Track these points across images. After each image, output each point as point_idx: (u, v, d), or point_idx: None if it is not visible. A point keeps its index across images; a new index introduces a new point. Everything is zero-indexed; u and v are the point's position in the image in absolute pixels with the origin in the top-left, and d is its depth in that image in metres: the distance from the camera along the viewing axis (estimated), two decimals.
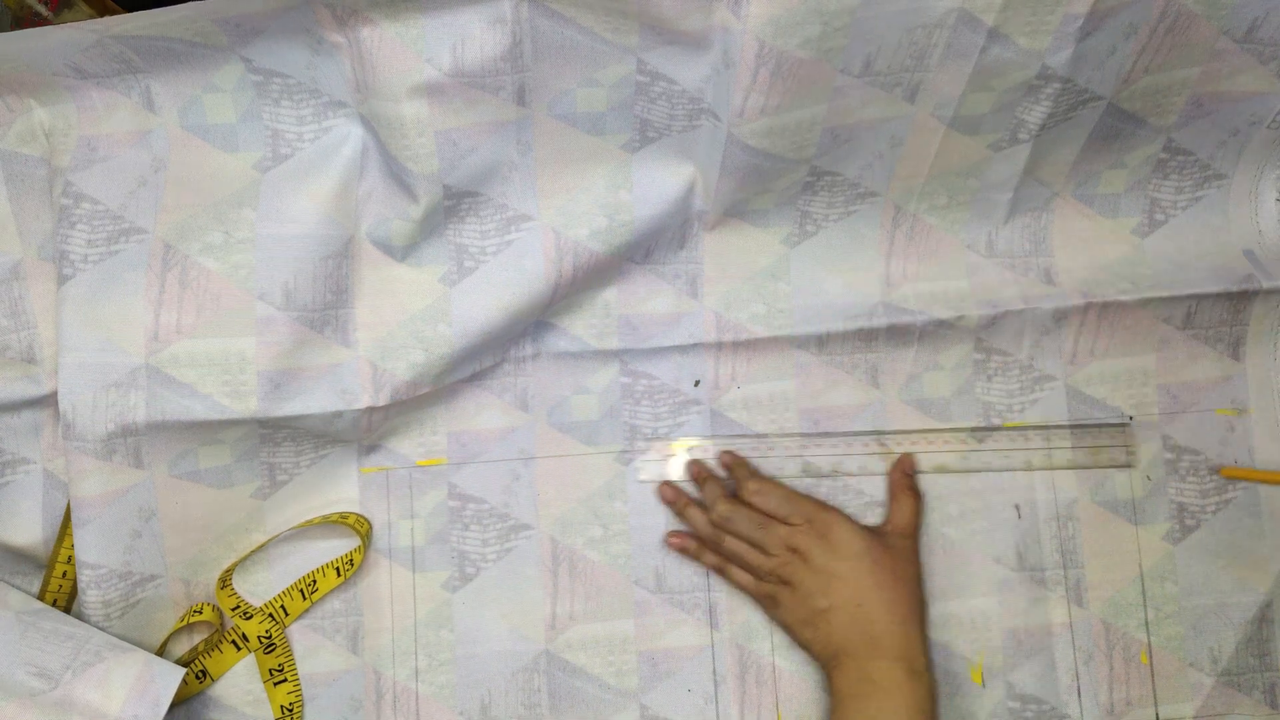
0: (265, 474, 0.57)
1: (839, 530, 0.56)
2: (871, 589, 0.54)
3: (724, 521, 0.57)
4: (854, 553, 0.55)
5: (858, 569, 0.55)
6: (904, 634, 0.54)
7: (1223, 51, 0.54)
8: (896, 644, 0.53)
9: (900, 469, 0.59)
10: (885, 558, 0.55)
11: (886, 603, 0.54)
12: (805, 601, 0.55)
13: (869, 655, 0.53)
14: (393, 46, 0.49)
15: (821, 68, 0.49)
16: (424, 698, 0.57)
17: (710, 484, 0.58)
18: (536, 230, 0.56)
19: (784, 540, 0.56)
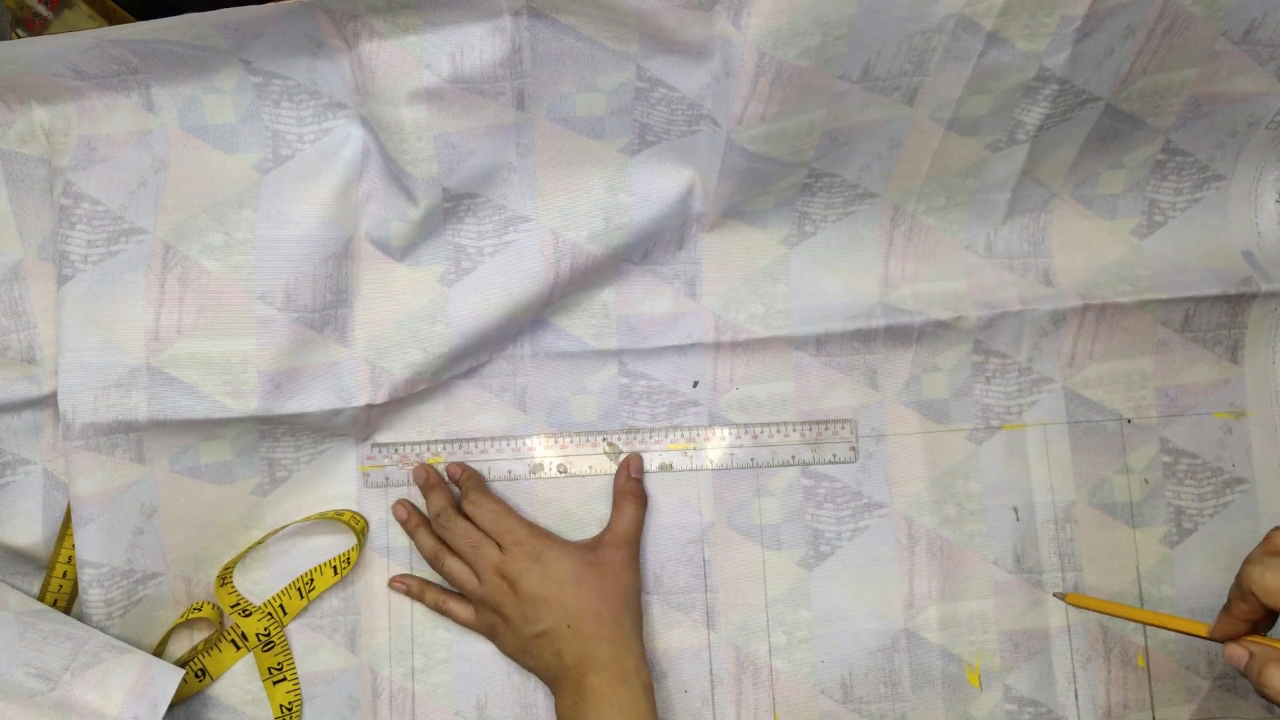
0: (265, 470, 0.57)
1: (547, 554, 0.55)
2: (578, 610, 0.54)
3: (442, 530, 0.57)
4: (560, 576, 0.55)
5: (564, 592, 0.54)
6: (609, 646, 0.54)
7: (1221, 52, 0.53)
8: (604, 657, 0.53)
9: (625, 472, 0.59)
10: (593, 576, 0.55)
11: (593, 621, 0.54)
12: (519, 630, 0.55)
13: (580, 674, 0.53)
14: (392, 52, 0.49)
15: (821, 75, 0.49)
16: (420, 697, 0.57)
17: (435, 493, 0.58)
18: (535, 231, 0.56)
19: (495, 565, 0.55)
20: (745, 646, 0.59)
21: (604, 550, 0.57)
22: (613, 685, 0.52)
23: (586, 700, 0.52)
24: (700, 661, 0.58)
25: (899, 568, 0.59)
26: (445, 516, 0.57)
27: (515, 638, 0.55)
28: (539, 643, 0.54)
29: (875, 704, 0.58)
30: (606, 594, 0.55)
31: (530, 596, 0.55)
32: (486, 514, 0.57)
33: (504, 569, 0.55)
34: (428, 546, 0.57)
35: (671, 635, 0.59)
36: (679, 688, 0.58)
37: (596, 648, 0.53)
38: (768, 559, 0.59)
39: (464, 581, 0.56)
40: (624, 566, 0.57)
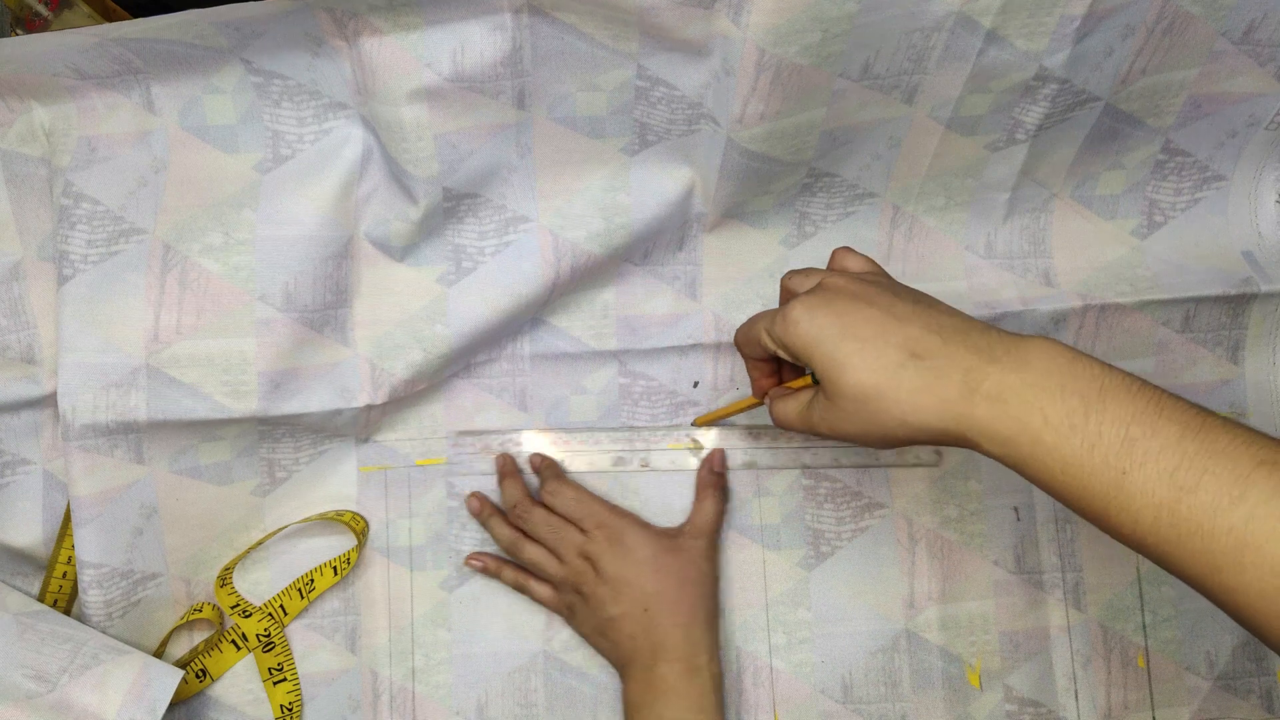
0: (265, 470, 0.57)
1: (628, 535, 0.56)
2: (655, 595, 0.54)
3: (520, 522, 0.57)
4: (640, 559, 0.55)
5: (643, 575, 0.55)
6: (684, 636, 0.54)
7: (1221, 53, 0.54)
8: (678, 646, 0.54)
9: (708, 465, 0.59)
10: (672, 562, 0.55)
11: (669, 607, 0.54)
12: (596, 611, 0.55)
13: (652, 661, 0.53)
14: (393, 51, 0.49)
15: (821, 73, 0.49)
16: (421, 697, 0.57)
17: (510, 483, 0.58)
18: (534, 232, 0.56)
19: (577, 547, 0.56)
20: (746, 646, 0.59)
21: (683, 539, 0.57)
22: (682, 677, 0.53)
23: (655, 689, 0.53)
24: None
25: (899, 568, 0.59)
26: (523, 505, 0.57)
27: (593, 618, 0.56)
28: (614, 624, 0.55)
29: (875, 704, 0.58)
30: (685, 581, 0.55)
31: (610, 577, 0.55)
32: (567, 500, 0.57)
33: (586, 549, 0.56)
34: (505, 534, 0.58)
35: None
36: None
37: (670, 635, 0.54)
38: (768, 559, 0.59)
39: (544, 565, 0.57)
40: (703, 556, 0.57)
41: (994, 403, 0.40)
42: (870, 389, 0.41)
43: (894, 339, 0.42)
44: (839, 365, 0.42)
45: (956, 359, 0.41)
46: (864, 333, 0.42)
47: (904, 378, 0.41)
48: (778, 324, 0.45)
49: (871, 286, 0.45)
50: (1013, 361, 0.40)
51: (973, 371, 0.40)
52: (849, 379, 0.42)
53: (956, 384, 0.40)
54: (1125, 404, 0.38)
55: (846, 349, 0.42)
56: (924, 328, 0.42)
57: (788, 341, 0.44)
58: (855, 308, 0.43)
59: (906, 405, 0.41)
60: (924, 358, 0.41)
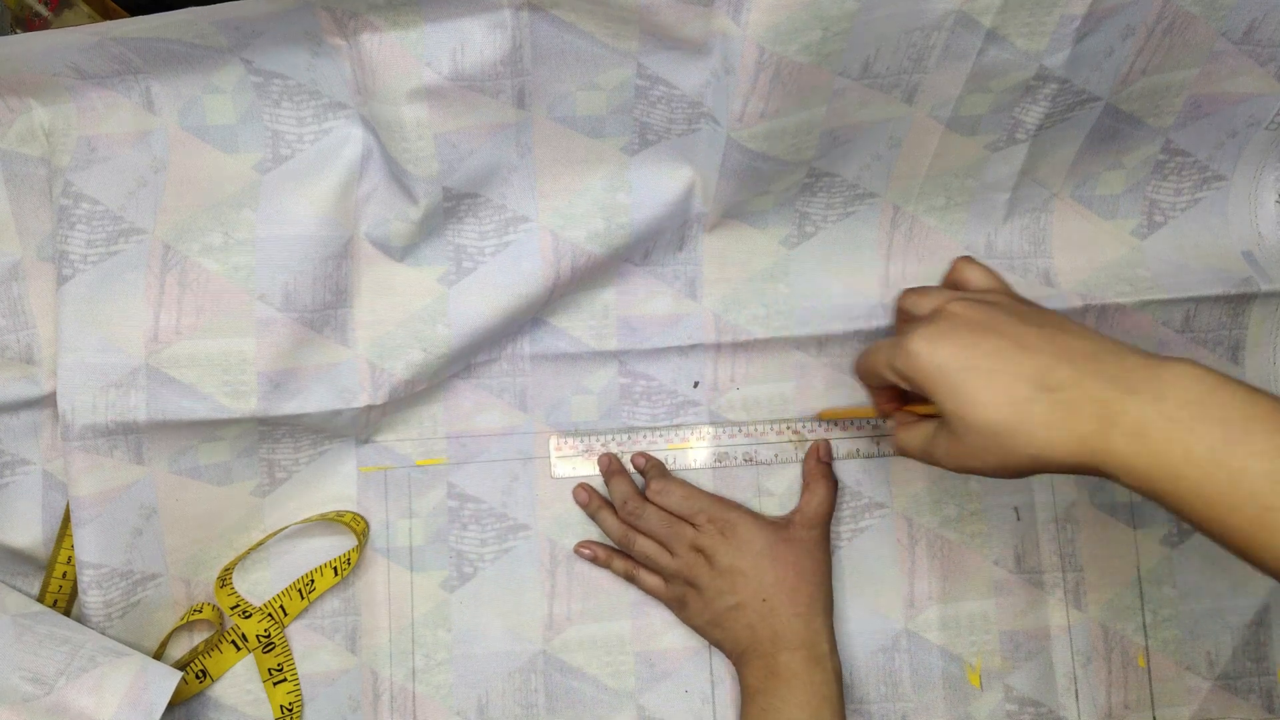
0: (264, 471, 0.57)
1: (741, 528, 0.56)
2: (774, 584, 0.54)
3: (632, 518, 0.57)
4: (756, 550, 0.55)
5: (760, 566, 0.55)
6: (805, 625, 0.54)
7: (1221, 53, 0.54)
8: (798, 635, 0.54)
9: (815, 455, 0.59)
10: (787, 552, 0.55)
11: (788, 596, 0.54)
12: (712, 603, 0.55)
13: (773, 650, 0.53)
14: (393, 50, 0.49)
15: (820, 72, 0.49)
16: (421, 698, 0.57)
17: (618, 481, 0.59)
18: (534, 232, 0.56)
19: (690, 541, 0.56)
20: None
21: (795, 529, 0.57)
22: (806, 666, 0.53)
23: (779, 678, 0.53)
24: (701, 661, 0.58)
25: (899, 568, 0.59)
26: (634, 502, 0.57)
27: (707, 610, 0.56)
28: (731, 615, 0.55)
29: (876, 704, 0.58)
30: (802, 571, 0.55)
31: (726, 569, 0.55)
32: (676, 497, 0.57)
33: (699, 543, 0.56)
34: (616, 527, 0.58)
35: (672, 635, 0.59)
36: (680, 688, 0.58)
37: (791, 624, 0.54)
38: None
39: (656, 558, 0.57)
40: (817, 546, 0.57)
41: (1132, 438, 0.38)
42: (999, 424, 0.40)
43: (1023, 370, 0.40)
44: (966, 400, 0.41)
45: (1090, 390, 0.39)
46: (990, 365, 0.41)
47: (1035, 412, 0.39)
48: (899, 357, 0.44)
49: (996, 311, 0.43)
50: (1150, 392, 0.38)
51: (1109, 404, 0.39)
52: (977, 415, 0.40)
53: (1091, 417, 0.39)
54: (1272, 434, 0.36)
55: (973, 383, 0.41)
56: (1054, 356, 0.40)
57: (909, 375, 0.43)
58: (980, 338, 0.42)
59: (1039, 440, 0.39)
60: (1056, 390, 0.40)
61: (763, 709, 0.53)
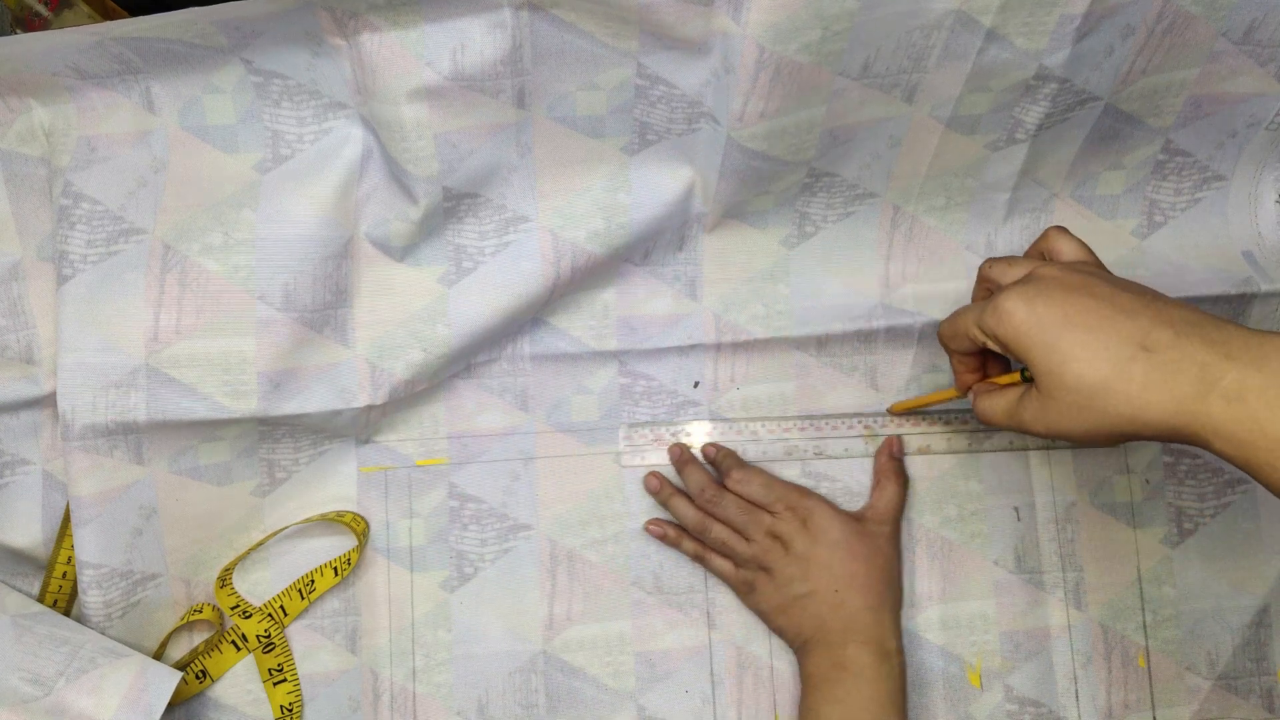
0: (264, 471, 0.57)
1: (818, 517, 0.56)
2: (846, 576, 0.55)
3: (710, 506, 0.57)
4: (832, 540, 0.55)
5: (834, 556, 0.55)
6: (875, 619, 0.54)
7: (1221, 53, 0.54)
8: (868, 628, 0.54)
9: (886, 452, 0.59)
10: (861, 545, 0.56)
11: (860, 589, 0.54)
12: (783, 589, 0.55)
13: (841, 641, 0.54)
14: (393, 50, 0.49)
15: (821, 71, 0.49)
16: (421, 698, 0.57)
17: (693, 469, 0.59)
18: (534, 231, 0.56)
19: (767, 527, 0.56)
20: (746, 647, 0.58)
21: (869, 524, 0.57)
22: (874, 661, 0.53)
23: (846, 670, 0.53)
24: (701, 661, 0.58)
25: (900, 568, 0.59)
26: (711, 490, 0.57)
27: (777, 595, 0.56)
28: (801, 603, 0.55)
29: None
30: (874, 566, 0.55)
31: (801, 556, 0.55)
32: (756, 485, 0.57)
33: (776, 529, 0.56)
34: (692, 515, 0.58)
35: (673, 635, 0.58)
36: (680, 688, 0.58)
37: (862, 618, 0.54)
38: None
39: (732, 544, 0.57)
40: (889, 542, 0.57)
41: (1231, 402, 0.37)
42: (1097, 383, 0.39)
43: (1122, 330, 0.40)
44: (1062, 356, 0.40)
45: (1191, 353, 0.38)
46: (1090, 322, 0.40)
47: (1134, 371, 0.39)
48: (988, 315, 0.43)
49: (1090, 277, 0.42)
50: (1251, 360, 0.38)
51: (1209, 367, 0.38)
52: (1073, 370, 0.40)
53: (1191, 379, 0.38)
54: None
55: (1071, 339, 0.40)
56: (1153, 320, 0.40)
57: (1001, 334, 0.42)
58: (1075, 298, 0.41)
59: (1137, 401, 0.39)
60: (1155, 351, 0.39)
61: (826, 699, 0.53)
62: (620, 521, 0.59)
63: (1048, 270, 0.43)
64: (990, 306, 0.43)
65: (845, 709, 0.52)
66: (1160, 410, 0.39)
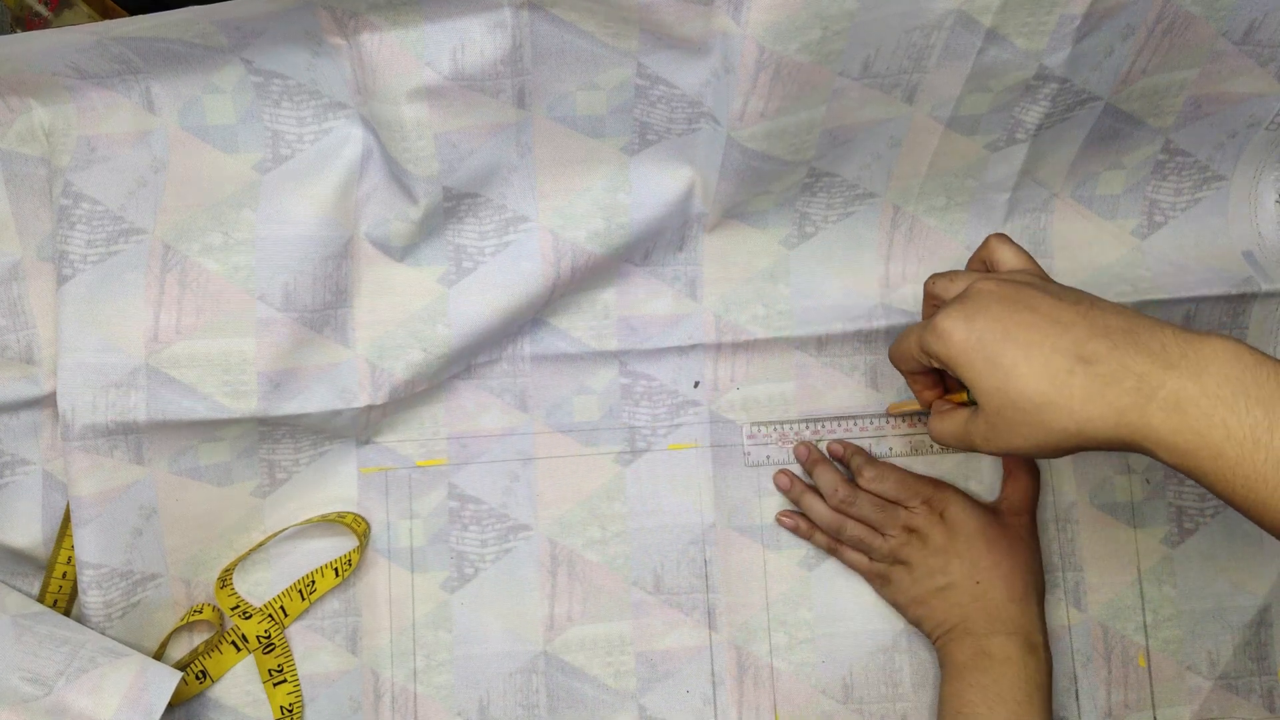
0: (265, 471, 0.57)
1: (955, 509, 0.56)
2: (989, 568, 0.54)
3: (845, 505, 0.57)
4: (970, 532, 0.55)
5: (974, 547, 0.54)
6: (1021, 610, 0.53)
7: (1221, 53, 0.54)
8: (1013, 619, 0.53)
9: None
10: (1000, 536, 0.55)
11: (1003, 580, 0.54)
12: (921, 581, 0.55)
13: (987, 631, 0.53)
14: (393, 49, 0.49)
15: (821, 71, 0.49)
16: (422, 698, 0.57)
17: (823, 469, 0.58)
18: (534, 231, 0.56)
19: (903, 522, 0.56)
20: (746, 647, 0.58)
21: (1005, 515, 0.57)
22: (1021, 652, 0.52)
23: (991, 658, 0.52)
24: (702, 662, 0.58)
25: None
26: (845, 489, 0.57)
27: (915, 587, 0.55)
28: (941, 595, 0.54)
29: (876, 704, 0.58)
30: (1015, 557, 0.55)
31: (939, 549, 0.55)
32: (890, 483, 0.57)
33: (912, 523, 0.56)
34: (826, 514, 0.58)
35: (673, 636, 0.58)
36: (681, 688, 0.58)
37: (1007, 610, 0.53)
38: (769, 559, 0.59)
39: (868, 541, 0.57)
40: (1028, 533, 0.57)
41: (1171, 412, 0.38)
42: (1039, 399, 0.39)
43: (1060, 344, 0.40)
44: (1004, 374, 0.40)
45: (1128, 364, 0.39)
46: (1027, 337, 0.40)
47: (1074, 385, 0.39)
48: (929, 336, 0.43)
49: (1027, 289, 0.42)
50: (1190, 367, 0.38)
51: (1146, 377, 0.38)
52: (1015, 388, 0.40)
53: (1130, 390, 0.38)
54: None
55: (1010, 356, 0.40)
56: (1090, 331, 0.40)
57: (942, 354, 0.43)
58: (1013, 312, 0.41)
59: (1079, 415, 0.39)
60: (1093, 363, 0.39)
61: (971, 685, 0.52)
62: (620, 522, 0.59)
63: (985, 285, 0.43)
64: (930, 326, 0.43)
65: (990, 696, 0.51)
66: (1103, 423, 0.39)
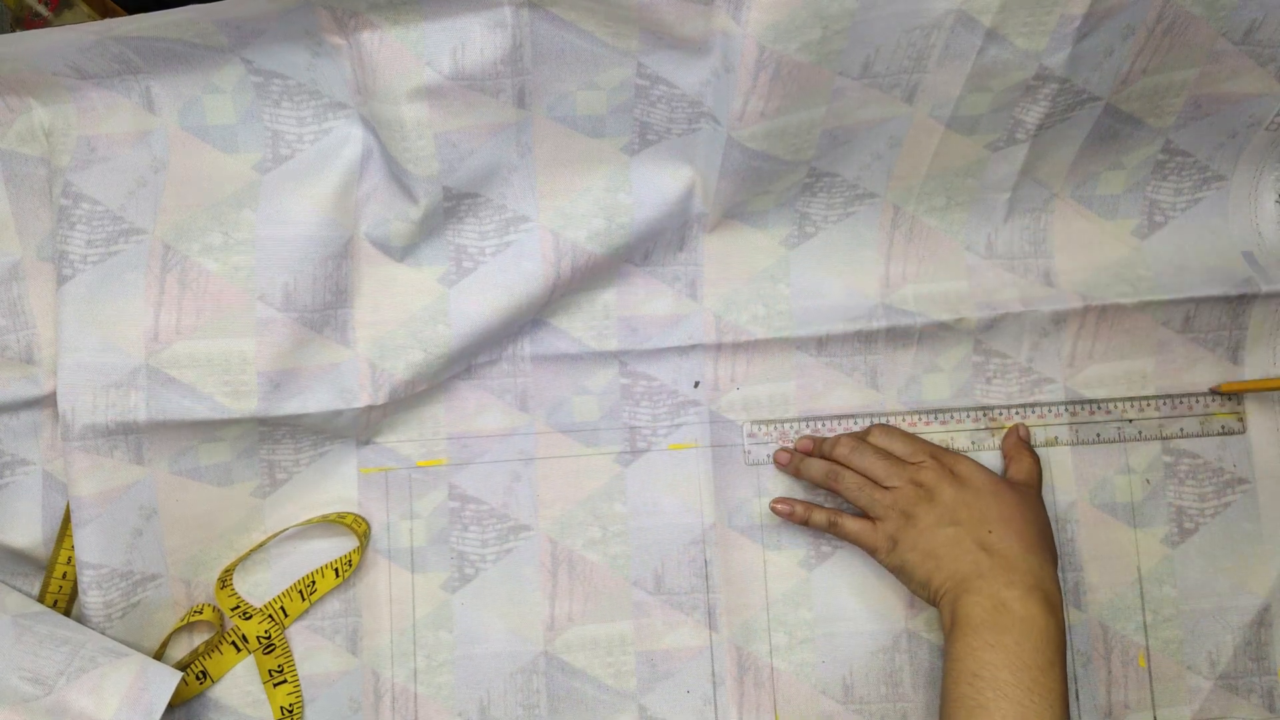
0: (265, 472, 0.57)
1: (965, 466, 0.56)
2: (1000, 520, 0.53)
3: (846, 458, 0.57)
4: (980, 485, 0.55)
5: (983, 501, 0.54)
6: (1038, 563, 0.52)
7: (1221, 53, 0.54)
8: (1032, 572, 0.51)
9: (1015, 434, 0.59)
10: (1011, 494, 0.55)
11: (1018, 533, 0.52)
12: (929, 532, 0.54)
13: (1004, 582, 0.51)
14: (393, 49, 0.49)
15: (821, 71, 0.49)
16: (423, 699, 0.57)
17: (826, 440, 0.58)
18: (535, 231, 0.56)
19: (909, 476, 0.56)
20: (747, 647, 0.58)
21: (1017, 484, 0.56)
22: (1044, 612, 0.50)
23: (1011, 614, 0.49)
24: (702, 662, 0.58)
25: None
26: (849, 443, 0.57)
27: (923, 541, 0.54)
28: (953, 545, 0.53)
29: (876, 704, 0.58)
30: (1027, 513, 0.54)
31: (948, 501, 0.54)
32: (899, 441, 0.57)
33: (919, 478, 0.55)
34: (820, 466, 0.57)
35: (674, 636, 0.58)
36: (681, 688, 0.58)
37: (1025, 561, 0.51)
38: (769, 559, 0.59)
39: (867, 492, 0.56)
40: (1038, 499, 0.56)
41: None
42: None
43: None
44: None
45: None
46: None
47: None
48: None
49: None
50: None
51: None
52: None
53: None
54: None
55: None
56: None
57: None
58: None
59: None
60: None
61: (988, 643, 0.49)
62: (620, 522, 0.59)
63: None
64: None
65: (1013, 659, 0.48)
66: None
